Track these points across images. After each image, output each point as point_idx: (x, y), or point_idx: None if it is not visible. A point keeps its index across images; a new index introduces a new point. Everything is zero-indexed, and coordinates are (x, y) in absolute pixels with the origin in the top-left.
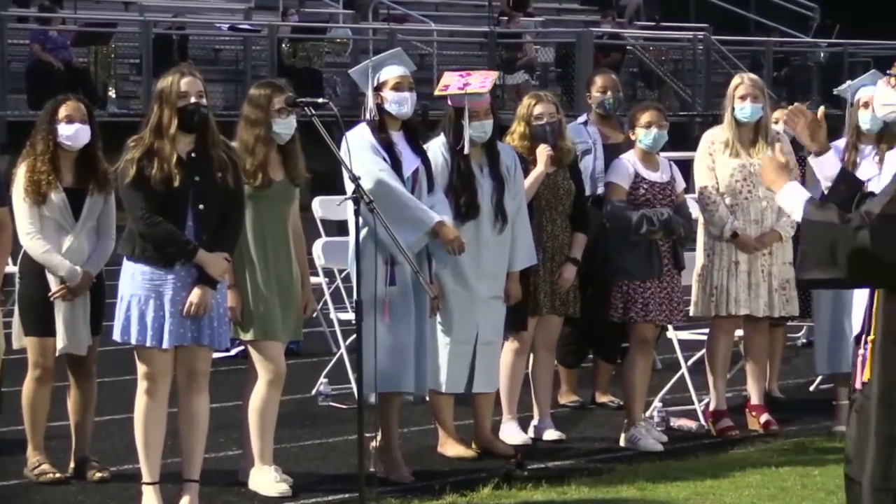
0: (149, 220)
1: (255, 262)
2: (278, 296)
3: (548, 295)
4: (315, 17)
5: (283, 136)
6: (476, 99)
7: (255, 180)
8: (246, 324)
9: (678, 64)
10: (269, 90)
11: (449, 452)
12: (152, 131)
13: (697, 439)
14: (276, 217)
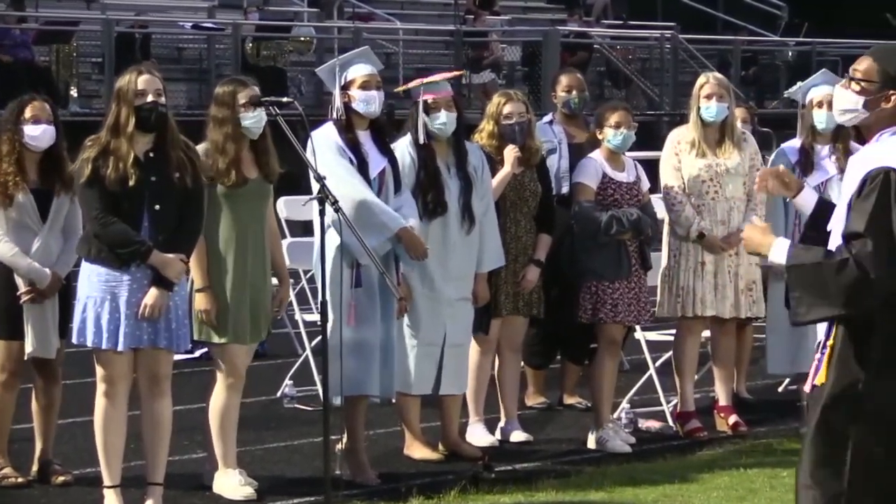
0: (103, 220)
1: (231, 263)
2: (250, 298)
3: (510, 296)
4: (279, 16)
5: (254, 131)
6: (434, 88)
7: (229, 179)
8: (219, 327)
9: (645, 63)
10: (232, 86)
11: (415, 455)
12: (109, 130)
13: (665, 441)
14: (253, 216)
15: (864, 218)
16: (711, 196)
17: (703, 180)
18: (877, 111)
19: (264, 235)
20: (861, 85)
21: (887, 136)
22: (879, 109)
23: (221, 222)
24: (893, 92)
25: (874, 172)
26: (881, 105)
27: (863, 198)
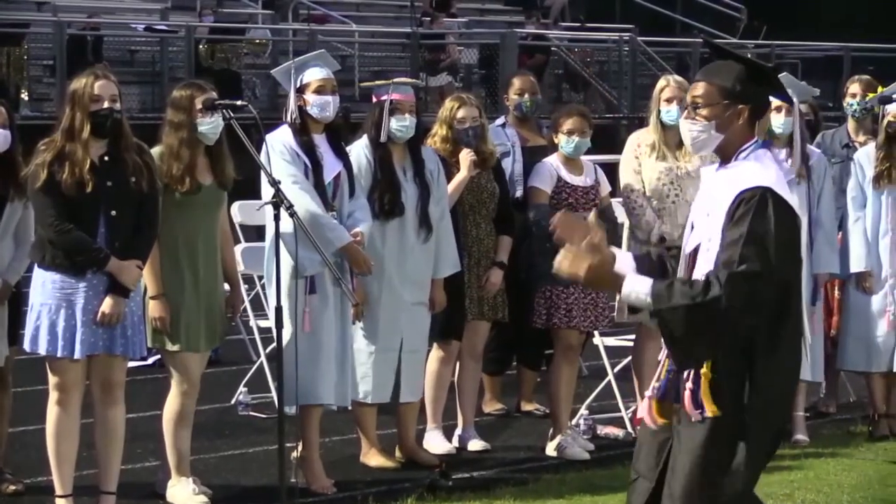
0: (59, 226)
1: (184, 270)
2: (204, 304)
3: (475, 300)
4: (233, 18)
5: (210, 137)
6: (402, 90)
7: (183, 185)
8: (172, 334)
9: (604, 65)
10: (190, 90)
11: (372, 462)
12: (64, 134)
13: (624, 447)
14: (206, 222)
15: (737, 245)
16: (672, 199)
17: (664, 184)
18: (731, 130)
19: (217, 241)
20: (707, 110)
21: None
22: (733, 128)
23: (174, 228)
24: (743, 106)
25: (748, 194)
26: (734, 123)
27: (736, 221)
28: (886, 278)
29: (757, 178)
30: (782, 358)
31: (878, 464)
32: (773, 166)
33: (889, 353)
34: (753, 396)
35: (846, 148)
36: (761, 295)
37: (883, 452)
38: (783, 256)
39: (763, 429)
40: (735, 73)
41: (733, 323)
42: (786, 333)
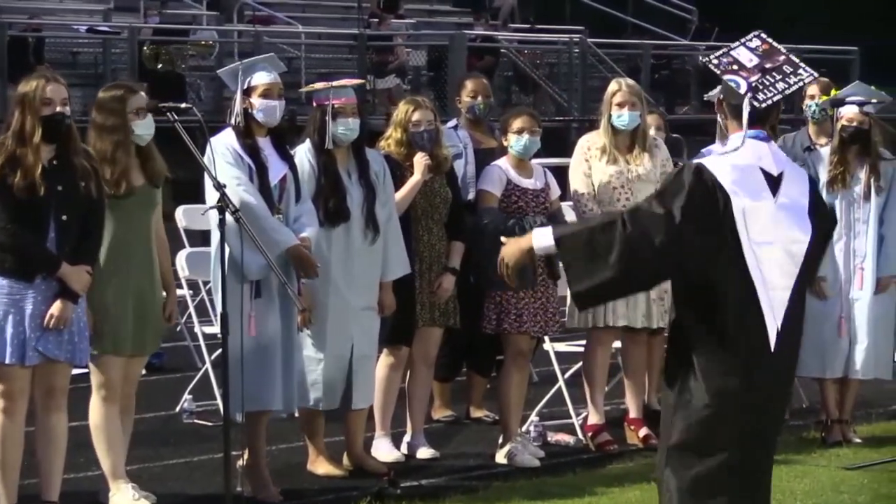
0: (9, 230)
1: (111, 273)
2: (134, 309)
3: (426, 306)
4: (177, 19)
5: (145, 138)
6: (342, 93)
7: (119, 189)
8: (96, 338)
9: (553, 67)
10: (121, 91)
11: (319, 470)
12: (14, 138)
13: (575, 454)
14: (139, 225)
15: (650, 195)
16: (623, 203)
17: (614, 187)
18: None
19: (151, 243)
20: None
21: (732, 137)
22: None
23: (106, 231)
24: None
25: (680, 167)
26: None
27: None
28: (840, 284)
29: (700, 157)
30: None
31: (831, 470)
32: (734, 147)
33: (842, 359)
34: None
35: (808, 151)
36: (657, 236)
37: (836, 459)
38: (690, 214)
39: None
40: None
41: (630, 249)
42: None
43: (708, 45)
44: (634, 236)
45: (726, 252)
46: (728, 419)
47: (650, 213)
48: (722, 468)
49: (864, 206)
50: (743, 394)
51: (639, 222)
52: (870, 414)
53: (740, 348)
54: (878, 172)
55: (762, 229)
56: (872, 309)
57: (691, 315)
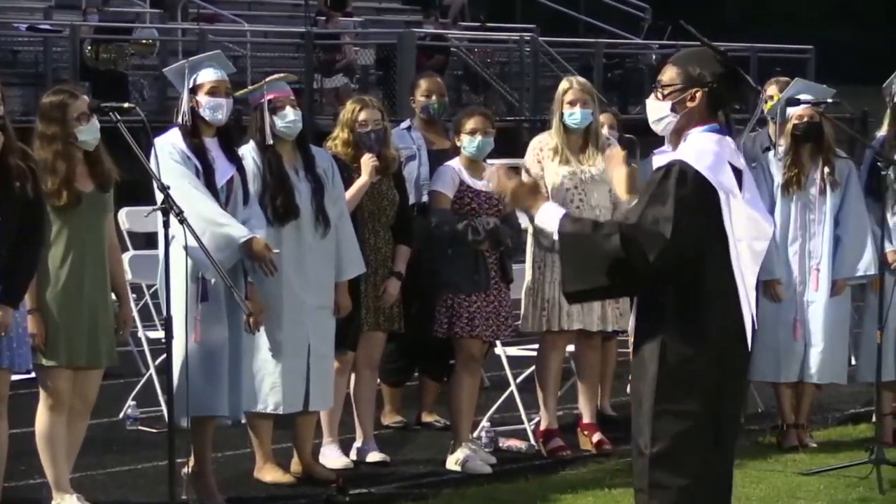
0: None
1: (64, 283)
2: (88, 319)
3: (371, 310)
4: (120, 17)
5: (91, 143)
6: (277, 87)
7: (60, 199)
8: (49, 350)
9: (505, 66)
10: (61, 97)
11: (266, 478)
12: None
13: (527, 460)
14: (91, 232)
15: (642, 201)
16: (576, 204)
17: (567, 188)
18: (685, 112)
19: (104, 251)
20: (666, 91)
21: (692, 135)
22: (687, 110)
23: (54, 240)
24: (697, 89)
25: (663, 167)
26: (687, 105)
27: (646, 187)
28: (795, 286)
29: (677, 155)
30: (698, 331)
31: (787, 476)
32: (707, 143)
33: (798, 363)
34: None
35: (768, 151)
36: (653, 254)
37: (792, 464)
38: (684, 224)
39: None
40: (699, 59)
41: (626, 265)
42: (699, 302)
43: (661, 44)
44: (632, 252)
45: (715, 248)
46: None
47: (645, 229)
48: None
49: (819, 208)
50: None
51: (635, 241)
52: (826, 418)
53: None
54: (832, 165)
55: (738, 226)
56: (828, 312)
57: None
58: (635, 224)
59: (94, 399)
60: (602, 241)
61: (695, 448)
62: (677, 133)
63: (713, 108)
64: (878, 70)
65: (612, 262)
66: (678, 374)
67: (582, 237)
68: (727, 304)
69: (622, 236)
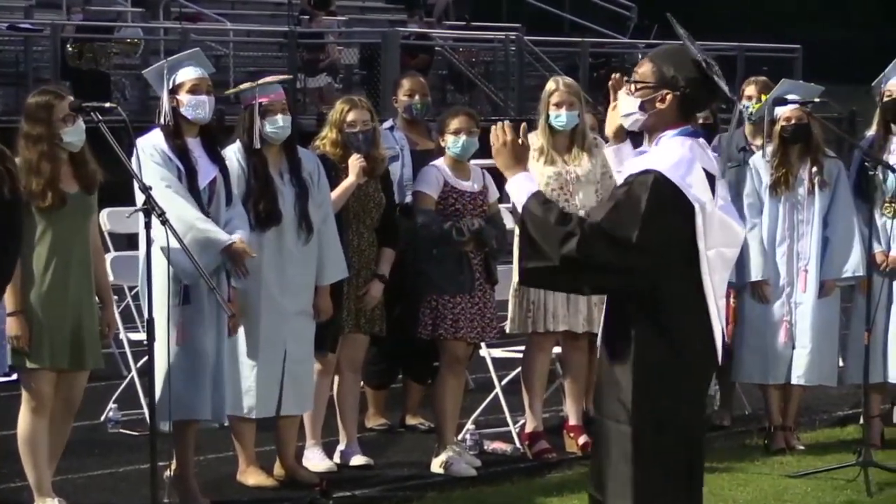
0: None
1: (49, 285)
2: (72, 321)
3: (352, 313)
4: (102, 16)
5: (76, 145)
6: (268, 91)
7: (45, 200)
8: (33, 353)
9: (490, 66)
10: (46, 98)
11: (249, 481)
12: None
13: (513, 463)
14: (75, 234)
15: (609, 205)
16: (561, 205)
17: (553, 189)
18: (654, 112)
19: (89, 254)
20: (637, 87)
21: (665, 139)
22: (656, 111)
23: (39, 241)
24: (668, 92)
25: (637, 173)
26: (657, 106)
27: (615, 190)
28: (783, 287)
29: (653, 162)
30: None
31: (774, 478)
32: (682, 150)
33: (786, 365)
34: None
35: (743, 152)
36: (610, 261)
37: (779, 466)
38: (650, 235)
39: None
40: (676, 60)
41: (574, 268)
42: (669, 315)
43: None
44: (587, 253)
45: (680, 264)
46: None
47: (604, 234)
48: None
49: (807, 207)
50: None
51: (591, 244)
52: (813, 420)
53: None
54: (821, 165)
55: (711, 235)
56: (816, 313)
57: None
58: (595, 224)
59: (79, 402)
60: (562, 236)
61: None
62: (649, 133)
63: (685, 112)
64: (866, 69)
65: (566, 257)
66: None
67: (544, 224)
68: (696, 317)
69: (582, 236)
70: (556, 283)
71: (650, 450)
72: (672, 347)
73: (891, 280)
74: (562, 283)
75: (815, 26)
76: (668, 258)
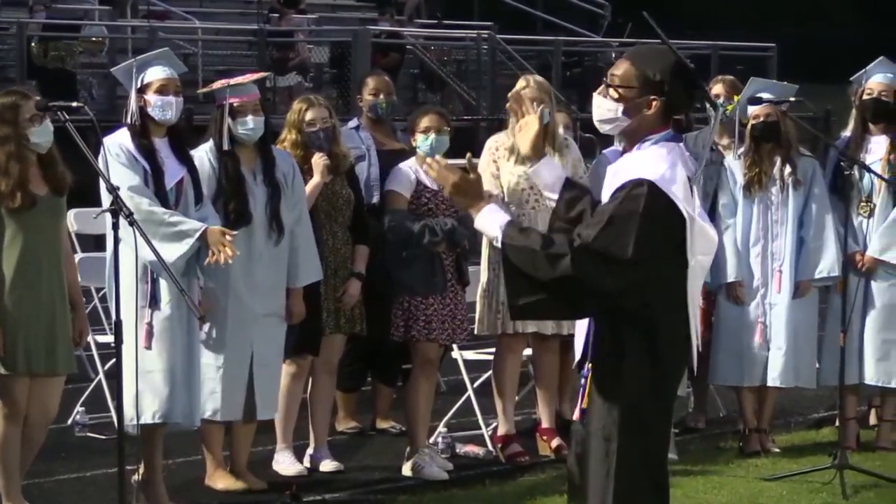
0: None
1: (21, 289)
2: (45, 325)
3: (331, 313)
4: (68, 14)
5: (44, 145)
6: (240, 91)
7: (14, 201)
8: (6, 358)
9: (462, 65)
10: (13, 98)
11: (218, 485)
12: None
13: (485, 466)
14: (46, 237)
15: (601, 220)
16: (532, 205)
17: (523, 188)
18: (638, 118)
19: (60, 257)
20: (619, 91)
21: (648, 144)
22: (641, 116)
23: (9, 244)
24: (655, 98)
25: (629, 183)
26: (643, 112)
27: (608, 202)
28: (758, 288)
29: (644, 171)
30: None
31: (749, 481)
32: (670, 158)
33: (761, 367)
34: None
35: (710, 152)
36: (606, 279)
37: (754, 469)
38: (644, 249)
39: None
40: (660, 63)
41: (569, 291)
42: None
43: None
44: (584, 272)
45: (668, 276)
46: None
47: (597, 254)
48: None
49: (782, 208)
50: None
51: (588, 260)
52: (789, 423)
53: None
54: (794, 164)
55: (696, 245)
56: (791, 314)
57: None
58: (590, 244)
59: (56, 411)
60: (551, 260)
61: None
62: (629, 137)
63: (667, 116)
64: (841, 68)
65: (560, 281)
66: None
67: (530, 252)
68: (679, 327)
69: (574, 256)
70: (553, 310)
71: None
72: (660, 360)
73: (867, 280)
74: (558, 310)
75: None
76: (659, 271)
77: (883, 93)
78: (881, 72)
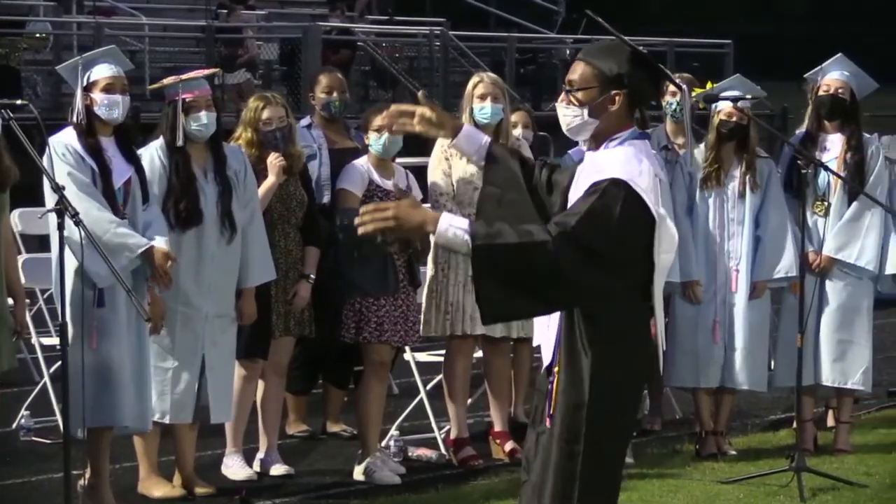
0: None
1: None
2: None
3: (281, 315)
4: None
5: None
6: (193, 87)
7: None
8: None
9: (413, 61)
10: None
11: (154, 493)
12: None
13: (438, 470)
14: None
15: (580, 212)
16: None
17: (475, 187)
18: (605, 116)
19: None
20: (581, 95)
21: (615, 143)
22: (608, 114)
23: None
24: (617, 92)
25: (603, 183)
26: (608, 108)
27: (584, 196)
28: (714, 288)
29: (616, 170)
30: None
31: (706, 484)
32: (640, 158)
33: (717, 368)
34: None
35: (664, 150)
36: (584, 267)
37: (710, 472)
38: (620, 249)
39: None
40: (614, 57)
41: (555, 277)
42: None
43: (575, 39)
44: (559, 265)
45: (636, 276)
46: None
47: (577, 242)
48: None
49: (738, 206)
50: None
51: (566, 251)
52: (745, 425)
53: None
54: (754, 170)
55: (663, 244)
56: (747, 314)
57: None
58: (569, 231)
59: None
60: (532, 249)
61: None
62: (595, 136)
63: (632, 110)
64: (797, 65)
65: (543, 274)
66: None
67: (501, 250)
68: (644, 328)
69: (554, 241)
70: (526, 309)
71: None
72: (627, 361)
73: (821, 280)
74: (531, 308)
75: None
76: (627, 272)
77: (839, 90)
78: (837, 69)
